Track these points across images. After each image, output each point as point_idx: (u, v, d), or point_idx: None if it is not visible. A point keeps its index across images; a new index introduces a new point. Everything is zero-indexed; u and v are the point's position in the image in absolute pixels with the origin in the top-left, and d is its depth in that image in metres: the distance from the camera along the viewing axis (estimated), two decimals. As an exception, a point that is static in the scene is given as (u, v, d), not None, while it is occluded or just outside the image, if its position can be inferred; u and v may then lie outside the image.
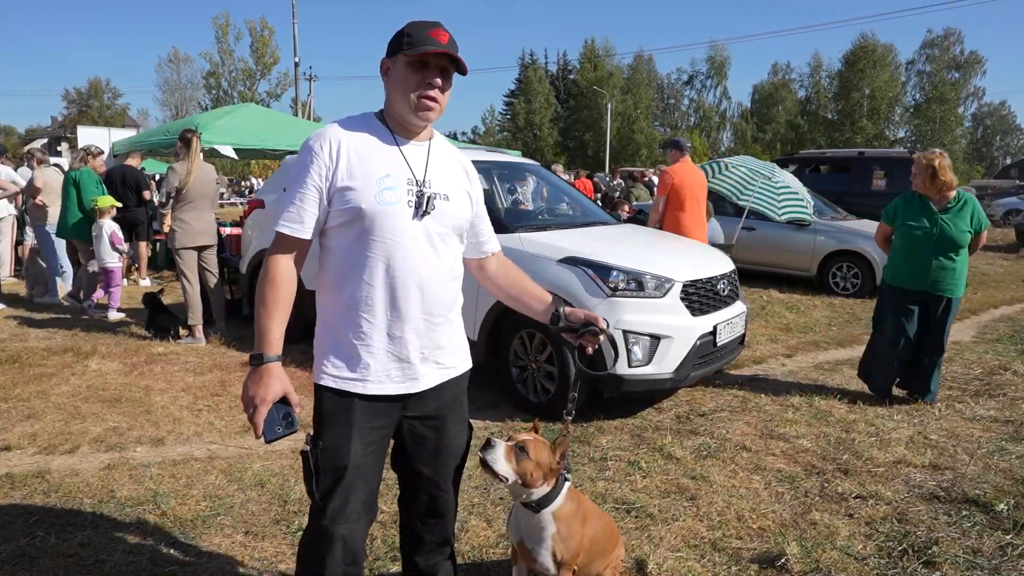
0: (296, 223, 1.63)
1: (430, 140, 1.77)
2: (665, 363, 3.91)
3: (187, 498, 3.00)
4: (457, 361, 1.85)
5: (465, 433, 1.92)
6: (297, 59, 29.73)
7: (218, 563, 2.52)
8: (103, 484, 3.12)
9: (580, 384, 4.01)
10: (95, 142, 9.84)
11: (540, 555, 1.98)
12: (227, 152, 9.00)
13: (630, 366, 3.85)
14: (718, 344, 4.20)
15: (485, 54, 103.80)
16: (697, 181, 6.10)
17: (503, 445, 1.89)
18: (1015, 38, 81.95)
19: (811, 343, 6.09)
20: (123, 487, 3.10)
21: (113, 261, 6.63)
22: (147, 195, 8.49)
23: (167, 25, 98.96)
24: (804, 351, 5.85)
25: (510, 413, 4.15)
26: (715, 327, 4.14)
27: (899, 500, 3.08)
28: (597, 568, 2.14)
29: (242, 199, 26.50)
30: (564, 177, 10.11)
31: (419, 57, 1.62)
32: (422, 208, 1.66)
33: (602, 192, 16.63)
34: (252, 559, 2.55)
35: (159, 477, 3.21)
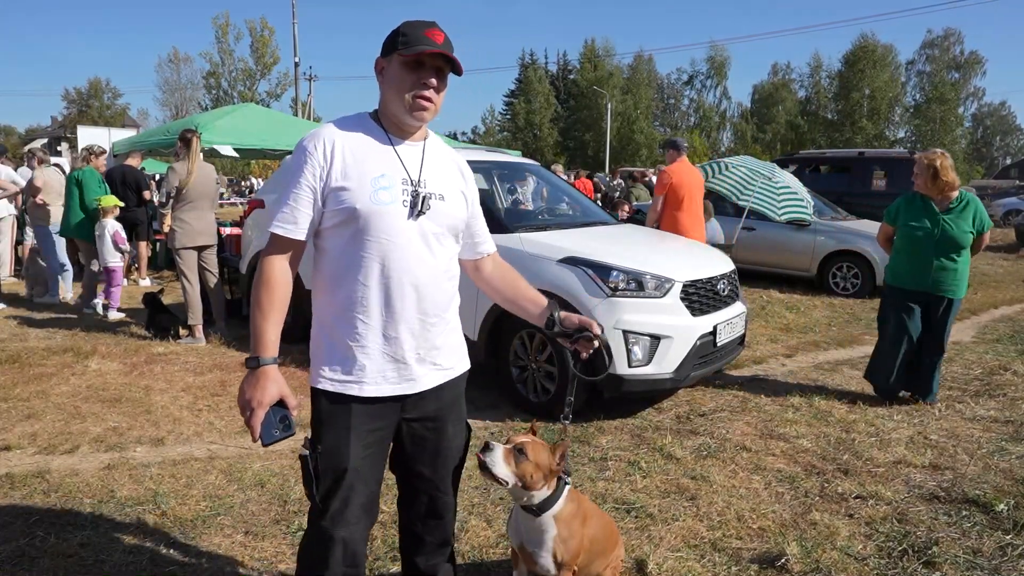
0: (290, 224, 1.62)
1: (425, 140, 1.76)
2: (665, 363, 3.91)
3: (187, 498, 3.00)
4: (455, 362, 1.84)
5: (464, 434, 1.91)
6: (297, 59, 29.76)
7: (218, 563, 2.52)
8: (103, 484, 3.12)
9: (579, 385, 4.03)
10: (95, 142, 9.84)
11: (541, 557, 1.98)
12: (227, 152, 8.99)
13: (630, 366, 3.85)
14: (718, 344, 4.20)
15: (485, 54, 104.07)
16: (695, 181, 6.15)
17: (501, 448, 1.88)
18: (1015, 38, 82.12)
19: (811, 343, 6.09)
20: (123, 487, 3.10)
21: (115, 261, 6.64)
22: (147, 195, 8.50)
23: (167, 25, 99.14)
24: (804, 351, 5.85)
25: (510, 413, 4.15)
26: (715, 327, 4.14)
27: (899, 500, 3.09)
28: (597, 568, 2.14)
29: (242, 199, 26.52)
30: (564, 177, 10.11)
31: (414, 57, 1.61)
32: (417, 208, 1.66)
33: (602, 192, 16.63)
34: (252, 559, 2.55)
35: (159, 477, 3.21)
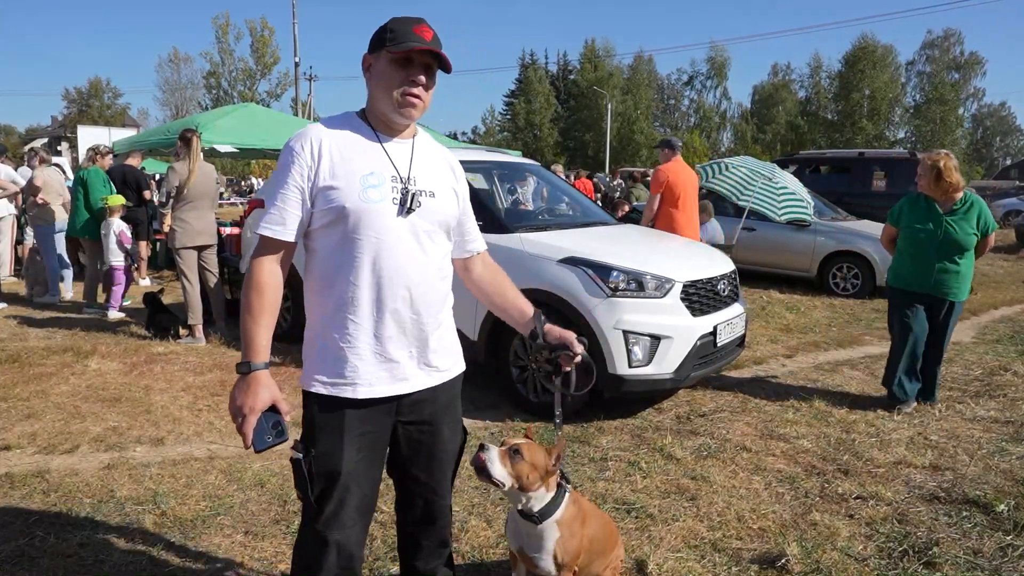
0: (279, 225, 1.60)
1: (414, 137, 1.74)
2: (665, 363, 3.91)
3: (187, 498, 3.00)
4: (450, 364, 1.82)
5: (460, 437, 1.90)
6: (297, 59, 29.67)
7: (218, 563, 2.52)
8: (103, 484, 3.12)
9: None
10: (95, 142, 9.85)
11: (542, 560, 1.97)
12: (226, 149, 8.99)
13: (630, 366, 3.85)
14: (718, 344, 4.20)
15: (485, 54, 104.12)
16: (689, 179, 6.22)
17: (497, 449, 1.88)
18: (1015, 39, 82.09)
19: (811, 344, 6.09)
20: (123, 487, 3.10)
21: (118, 260, 6.66)
22: (147, 195, 8.50)
23: (167, 25, 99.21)
24: (804, 352, 5.85)
25: (510, 413, 4.14)
26: (715, 327, 4.13)
27: (899, 501, 3.08)
28: (597, 568, 2.14)
29: (242, 199, 26.54)
30: (563, 177, 10.11)
31: (403, 54, 1.59)
32: (407, 205, 1.63)
33: (602, 192, 16.65)
34: (252, 559, 2.55)
35: (159, 477, 3.21)
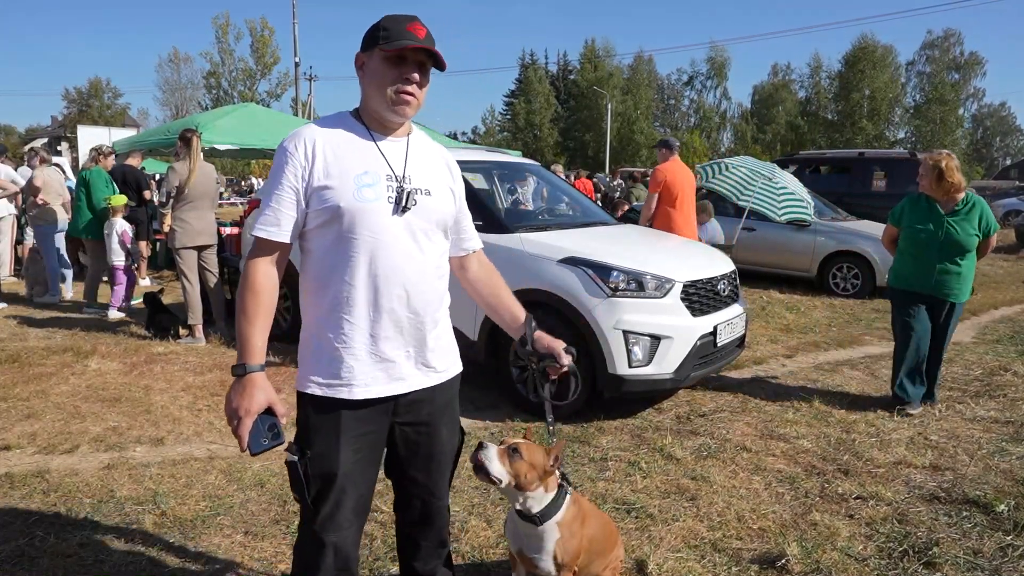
0: (273, 226, 1.59)
1: (408, 135, 1.73)
2: (665, 363, 3.91)
3: (187, 498, 3.00)
4: (448, 365, 1.81)
5: (457, 437, 1.89)
6: (297, 59, 29.65)
7: (218, 563, 2.52)
8: (103, 484, 3.12)
9: (580, 384, 4.03)
10: (95, 142, 9.87)
11: (542, 561, 1.98)
12: (225, 147, 8.99)
13: (630, 366, 3.85)
14: (718, 344, 4.20)
15: (485, 54, 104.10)
16: (687, 179, 6.27)
17: (495, 447, 1.89)
18: (1015, 39, 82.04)
19: (811, 344, 6.08)
20: (123, 487, 3.10)
21: (120, 260, 6.68)
22: (147, 195, 8.50)
23: (167, 25, 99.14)
24: (804, 352, 5.85)
25: (510, 413, 4.14)
26: (715, 327, 4.13)
27: (899, 501, 3.08)
28: (596, 568, 2.14)
29: (242, 199, 26.53)
30: (563, 177, 10.11)
31: (397, 52, 1.58)
32: (402, 204, 1.62)
33: (602, 192, 16.65)
34: (252, 559, 2.55)
35: (159, 477, 3.21)
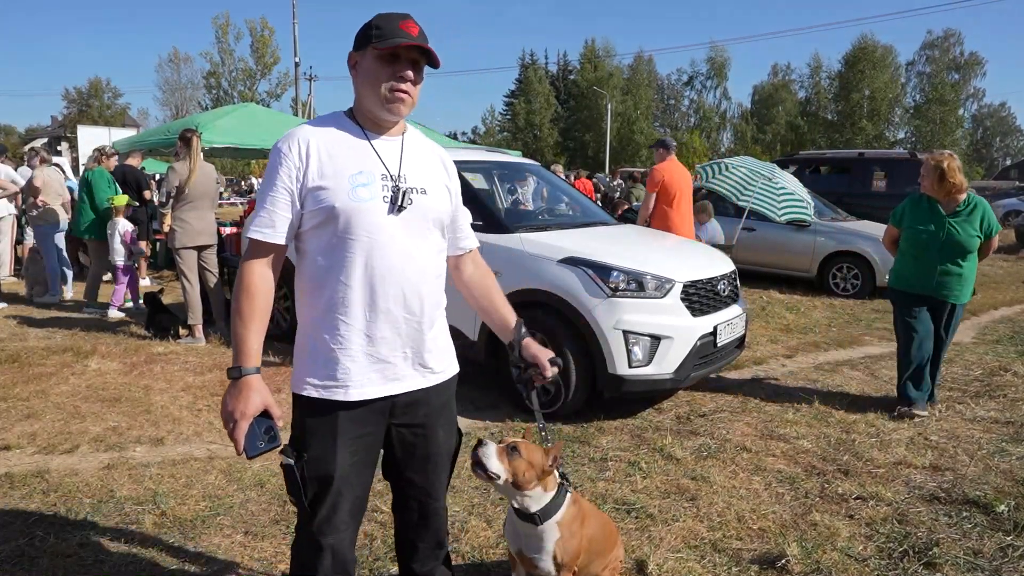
0: (268, 228, 1.58)
1: (403, 134, 1.72)
2: (665, 363, 3.91)
3: (187, 498, 3.00)
4: (445, 366, 1.80)
5: (455, 439, 1.89)
6: (297, 59, 29.62)
7: (218, 563, 2.52)
8: (102, 484, 3.12)
9: (579, 385, 4.03)
10: (95, 142, 9.89)
11: (542, 561, 1.98)
12: (223, 145, 8.99)
13: (630, 366, 3.85)
14: (718, 345, 4.20)
15: (485, 54, 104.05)
16: (684, 178, 6.32)
17: (495, 445, 1.90)
18: (1015, 39, 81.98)
19: (811, 344, 6.08)
20: (122, 487, 3.10)
21: (121, 260, 6.69)
22: (147, 195, 8.49)
23: (167, 25, 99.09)
24: (804, 352, 5.85)
25: (510, 413, 4.14)
26: (715, 328, 4.13)
27: (899, 501, 3.08)
28: (596, 568, 2.14)
29: (242, 199, 26.51)
30: (563, 177, 10.12)
31: (390, 50, 1.57)
32: (398, 203, 1.61)
33: (602, 192, 16.66)
34: (252, 559, 2.55)
35: (159, 477, 3.20)
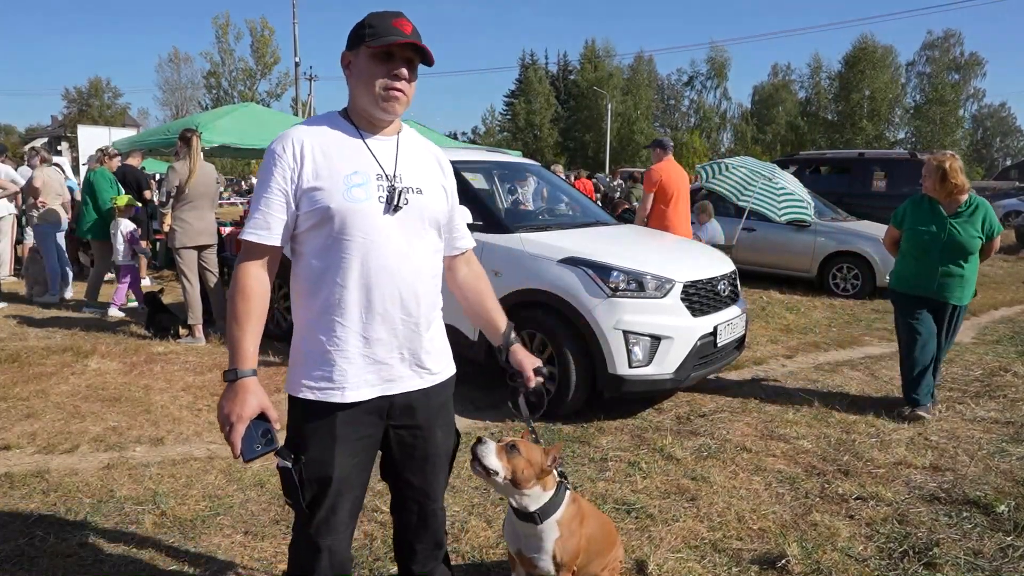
0: (263, 229, 1.58)
1: (398, 133, 1.71)
2: (665, 364, 3.91)
3: (186, 498, 3.00)
4: (442, 367, 1.79)
5: (453, 439, 1.88)
6: (297, 59, 29.65)
7: (218, 563, 2.52)
8: (102, 484, 3.12)
9: (579, 385, 4.02)
10: (95, 141, 9.88)
11: (541, 561, 1.98)
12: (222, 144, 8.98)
13: (630, 366, 3.85)
14: (718, 345, 4.19)
15: (485, 54, 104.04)
16: (682, 178, 6.37)
17: (494, 443, 1.91)
18: (1015, 40, 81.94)
19: (811, 344, 6.08)
20: (122, 487, 3.10)
21: (124, 259, 6.70)
22: (147, 194, 8.50)
23: (167, 25, 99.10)
24: (804, 352, 5.85)
25: (510, 413, 4.14)
26: (715, 328, 4.13)
27: (900, 501, 3.08)
28: (595, 568, 2.14)
29: (242, 199, 26.50)
30: (563, 177, 10.12)
31: (383, 48, 1.56)
32: (394, 203, 1.60)
33: (602, 192, 16.66)
34: (252, 559, 2.55)
35: (158, 477, 3.20)
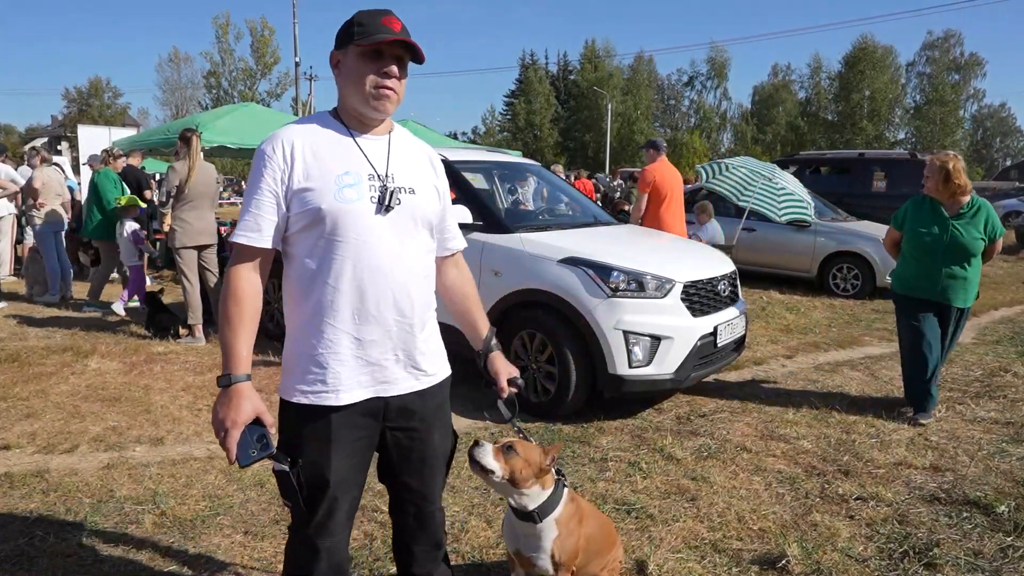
0: (254, 232, 1.56)
1: (390, 133, 1.69)
2: (666, 364, 3.91)
3: (186, 498, 3.00)
4: (437, 368, 1.78)
5: (450, 441, 1.87)
6: (297, 59, 29.60)
7: (218, 563, 2.52)
8: (102, 483, 3.12)
9: (579, 385, 4.02)
10: (95, 141, 9.87)
11: (540, 560, 1.98)
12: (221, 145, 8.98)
13: (631, 367, 3.85)
14: (718, 345, 4.19)
15: (485, 54, 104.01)
16: (675, 178, 6.47)
17: (490, 445, 1.92)
18: (1015, 40, 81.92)
19: (811, 344, 6.08)
20: (122, 487, 3.10)
21: (132, 260, 6.74)
22: (148, 194, 8.51)
23: (167, 25, 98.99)
24: (804, 352, 5.85)
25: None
26: (715, 328, 4.13)
27: (900, 502, 3.08)
28: (594, 569, 2.14)
29: (242, 199, 26.49)
30: (564, 177, 10.12)
31: (373, 47, 1.55)
32: (386, 203, 1.59)
33: (602, 192, 16.66)
34: (251, 559, 2.55)
35: (158, 477, 3.20)
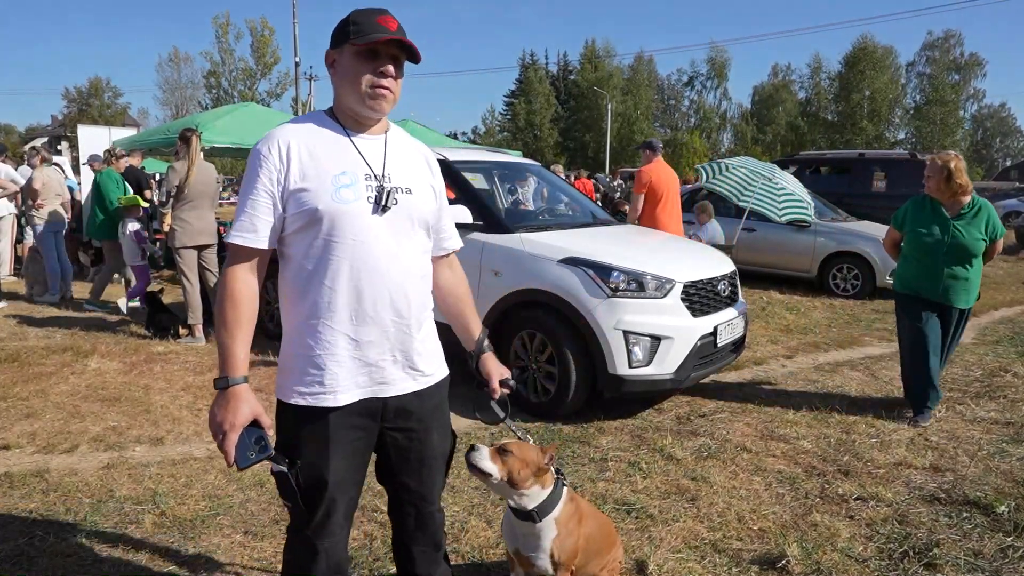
0: (249, 232, 1.55)
1: (386, 132, 1.69)
2: (666, 364, 3.91)
3: (186, 498, 3.00)
4: (435, 368, 1.78)
5: (449, 441, 1.87)
6: (298, 59, 29.70)
7: (218, 563, 2.52)
8: (102, 483, 3.12)
9: (579, 385, 4.02)
10: (95, 141, 9.86)
11: (539, 560, 1.98)
12: (222, 145, 8.99)
13: (631, 367, 3.85)
14: (718, 345, 4.19)
15: (485, 54, 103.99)
16: (671, 178, 6.50)
17: (486, 448, 1.92)
18: (1015, 40, 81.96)
19: (811, 344, 6.08)
20: (122, 486, 3.09)
21: (135, 260, 6.76)
22: (148, 194, 8.51)
23: (167, 25, 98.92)
24: (804, 352, 5.85)
25: (510, 413, 4.13)
26: (715, 328, 4.13)
27: (900, 502, 3.08)
28: (593, 568, 2.14)
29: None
30: (564, 177, 10.12)
31: (368, 46, 1.54)
32: (383, 203, 1.58)
33: (602, 192, 16.66)
34: (251, 559, 2.55)
35: (158, 476, 3.20)
